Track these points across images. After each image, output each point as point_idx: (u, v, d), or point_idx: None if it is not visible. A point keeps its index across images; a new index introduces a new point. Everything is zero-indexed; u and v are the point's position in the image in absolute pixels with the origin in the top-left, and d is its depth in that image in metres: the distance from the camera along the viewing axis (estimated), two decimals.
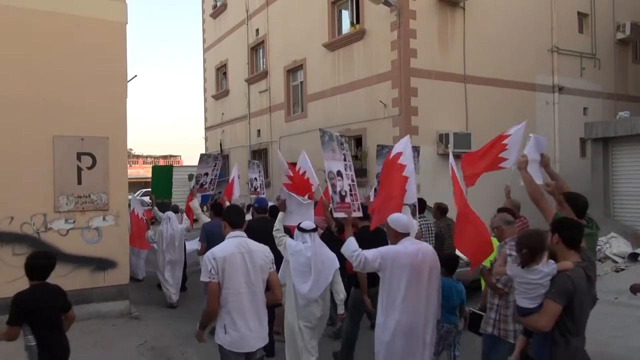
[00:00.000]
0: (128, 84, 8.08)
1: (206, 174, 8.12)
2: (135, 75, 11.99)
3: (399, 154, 4.75)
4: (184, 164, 38.60)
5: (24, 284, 6.93)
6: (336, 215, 4.74)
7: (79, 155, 7.38)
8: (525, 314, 3.16)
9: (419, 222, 6.15)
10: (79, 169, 7.39)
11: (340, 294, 4.71)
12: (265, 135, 17.78)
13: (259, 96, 18.15)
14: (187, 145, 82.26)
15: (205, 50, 23.06)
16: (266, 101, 17.61)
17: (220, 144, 20.81)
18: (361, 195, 11.90)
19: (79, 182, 7.39)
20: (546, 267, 3.12)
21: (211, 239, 5.97)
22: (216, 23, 21.80)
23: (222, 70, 21.64)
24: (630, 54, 16.46)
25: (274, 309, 4.53)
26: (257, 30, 18.21)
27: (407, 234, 3.95)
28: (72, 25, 7.35)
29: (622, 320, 6.96)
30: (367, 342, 4.88)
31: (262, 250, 3.78)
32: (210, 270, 3.53)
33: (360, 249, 3.81)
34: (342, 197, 4.75)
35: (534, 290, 3.13)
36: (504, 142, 5.29)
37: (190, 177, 9.49)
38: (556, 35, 14.38)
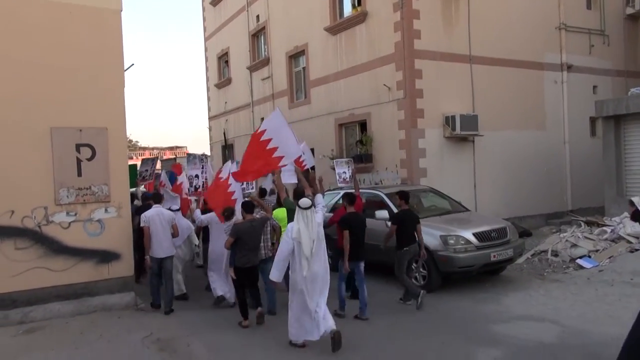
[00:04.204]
0: (125, 73, 7.90)
1: (146, 170, 10.27)
2: (133, 64, 11.84)
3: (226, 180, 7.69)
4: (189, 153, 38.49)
5: (27, 278, 6.92)
6: (190, 198, 9.00)
7: (77, 147, 7.26)
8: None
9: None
10: (79, 161, 7.28)
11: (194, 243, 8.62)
12: None
13: (261, 83, 17.93)
14: (193, 135, 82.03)
15: (206, 39, 22.79)
16: (269, 88, 17.39)
17: (224, 133, 20.65)
18: (368, 181, 12.03)
19: (79, 174, 7.28)
20: (228, 222, 6.97)
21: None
22: (216, 11, 21.51)
23: (223, 59, 21.39)
24: None
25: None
26: (258, 16, 17.93)
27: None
28: (64, 13, 7.17)
29: None
30: None
31: (169, 213, 7.54)
32: (144, 221, 7.22)
33: (202, 216, 7.69)
34: (197, 189, 8.58)
35: (226, 233, 6.78)
36: (269, 146, 7.02)
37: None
38: (563, 12, 13.97)
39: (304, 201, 5.51)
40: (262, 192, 9.57)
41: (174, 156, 37.17)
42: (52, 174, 7.10)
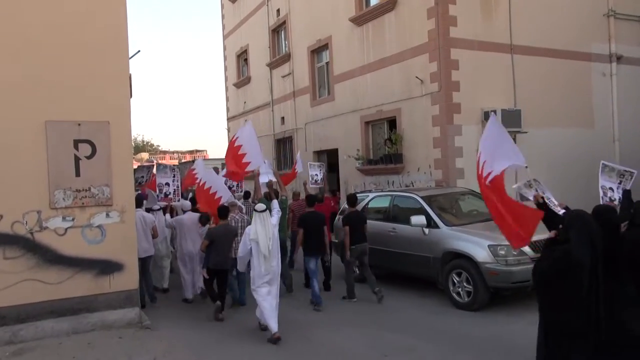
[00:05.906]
0: (131, 60, 7.07)
1: (142, 176, 10.79)
2: (139, 51, 11.12)
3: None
4: (209, 157, 38.44)
5: (17, 292, 6.11)
6: (159, 204, 8.96)
7: (75, 143, 6.44)
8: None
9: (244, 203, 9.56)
10: (77, 159, 6.45)
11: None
12: (290, 122, 16.70)
13: (282, 81, 17.06)
14: (213, 137, 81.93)
15: (225, 37, 22.08)
16: (290, 86, 16.50)
17: None
18: (398, 183, 10.84)
19: (77, 174, 6.45)
20: (204, 227, 7.74)
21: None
22: (235, 7, 20.77)
23: (242, 57, 20.62)
24: None
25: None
26: (278, 10, 17.08)
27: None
28: None
29: None
30: None
31: (149, 216, 7.96)
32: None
33: (169, 220, 8.69)
34: (166, 195, 9.26)
35: (202, 236, 7.47)
36: (240, 152, 7.86)
37: (215, 169, 9.93)
38: None
39: (259, 205, 6.23)
40: (247, 195, 10.11)
41: (193, 159, 36.71)
42: (46, 174, 6.27)
